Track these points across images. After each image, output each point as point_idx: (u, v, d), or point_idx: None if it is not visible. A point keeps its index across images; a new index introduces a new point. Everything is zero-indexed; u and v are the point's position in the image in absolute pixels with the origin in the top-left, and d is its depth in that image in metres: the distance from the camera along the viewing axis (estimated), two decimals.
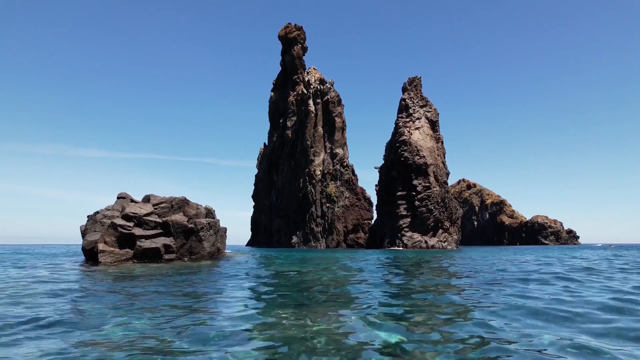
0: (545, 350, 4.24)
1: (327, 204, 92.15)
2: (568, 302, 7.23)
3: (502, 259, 24.47)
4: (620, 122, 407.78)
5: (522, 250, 46.34)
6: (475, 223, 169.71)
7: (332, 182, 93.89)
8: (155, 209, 20.99)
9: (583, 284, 10.12)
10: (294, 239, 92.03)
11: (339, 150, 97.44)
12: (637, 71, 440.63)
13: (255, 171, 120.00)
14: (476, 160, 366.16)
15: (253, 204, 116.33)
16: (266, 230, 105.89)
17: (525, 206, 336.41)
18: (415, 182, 58.35)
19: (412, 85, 68.10)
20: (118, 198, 23.16)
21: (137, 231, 19.66)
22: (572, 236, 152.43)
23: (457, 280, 11.73)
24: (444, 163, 65.81)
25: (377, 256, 29.02)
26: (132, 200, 22.87)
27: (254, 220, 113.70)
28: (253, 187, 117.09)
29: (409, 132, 62.03)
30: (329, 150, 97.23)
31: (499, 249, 57.60)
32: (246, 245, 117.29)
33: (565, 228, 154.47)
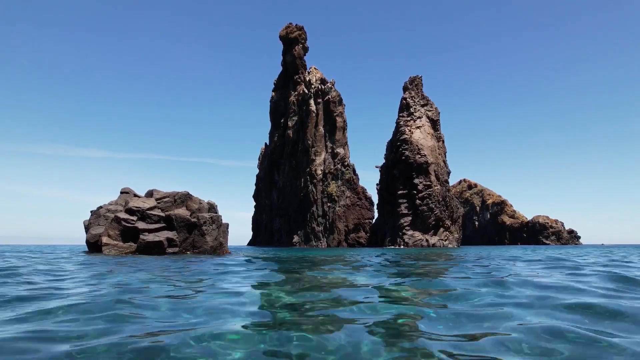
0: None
1: (328, 204, 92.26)
2: None
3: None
4: (621, 122, 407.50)
5: (516, 248, 46.41)
6: (476, 223, 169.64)
7: (333, 181, 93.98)
8: (159, 203, 21.13)
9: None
10: (295, 239, 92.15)
11: (340, 150, 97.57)
12: (637, 71, 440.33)
13: (256, 171, 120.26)
14: (477, 160, 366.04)
15: (254, 204, 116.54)
16: (267, 230, 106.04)
17: (526, 206, 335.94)
18: (416, 180, 58.40)
19: (413, 84, 68.17)
20: (121, 193, 23.30)
21: (141, 225, 19.80)
22: (573, 236, 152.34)
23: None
24: (444, 162, 65.84)
25: (377, 251, 29.17)
26: (136, 195, 23.01)
27: (255, 220, 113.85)
28: (254, 187, 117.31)
29: (410, 131, 62.08)
30: (330, 150, 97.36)
31: (501, 247, 57.72)
32: (247, 244, 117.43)
33: (567, 228, 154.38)
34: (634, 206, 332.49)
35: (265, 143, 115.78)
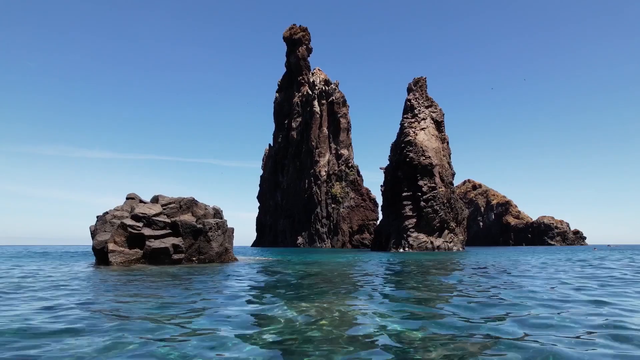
0: None
1: (333, 205, 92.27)
2: None
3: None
4: (627, 122, 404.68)
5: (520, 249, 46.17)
6: (481, 224, 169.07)
7: (338, 182, 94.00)
8: (164, 209, 21.19)
9: None
10: (299, 240, 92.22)
11: (344, 151, 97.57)
12: None
13: (258, 172, 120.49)
14: (481, 160, 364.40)
15: (257, 204, 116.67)
16: (271, 231, 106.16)
17: (531, 207, 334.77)
18: (420, 182, 58.22)
19: (418, 85, 68.00)
20: (127, 199, 23.42)
21: (147, 231, 19.86)
22: (578, 237, 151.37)
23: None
24: (449, 163, 65.69)
25: (381, 260, 29.01)
26: (141, 201, 23.11)
27: (259, 221, 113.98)
28: (258, 188, 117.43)
29: (414, 132, 61.93)
30: (334, 151, 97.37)
31: (505, 249, 57.54)
32: (251, 245, 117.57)
33: (572, 229, 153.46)
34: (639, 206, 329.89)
35: (269, 144, 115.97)
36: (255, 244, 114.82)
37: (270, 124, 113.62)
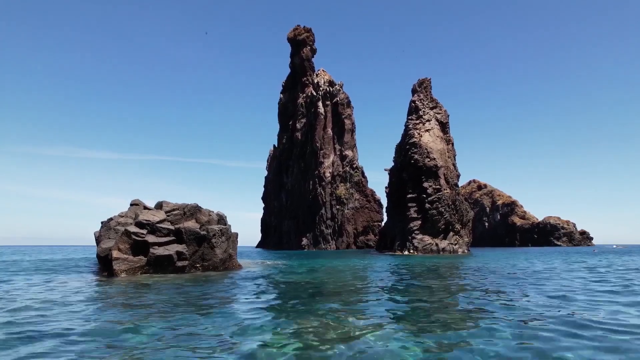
0: None
1: (337, 206, 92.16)
2: None
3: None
4: (633, 120, 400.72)
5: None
6: (487, 224, 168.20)
7: (342, 184, 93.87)
8: (168, 216, 21.17)
9: None
10: (304, 241, 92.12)
11: (349, 152, 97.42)
12: None
13: (262, 172, 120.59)
14: (487, 160, 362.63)
15: (260, 205, 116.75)
16: (276, 232, 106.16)
17: (537, 207, 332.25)
18: (425, 184, 57.97)
19: (422, 86, 67.69)
20: (131, 205, 23.46)
21: (151, 238, 19.83)
22: (585, 237, 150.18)
23: None
24: (454, 165, 65.34)
25: (387, 263, 28.76)
26: (145, 207, 23.14)
27: (264, 222, 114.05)
28: (262, 189, 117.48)
29: (419, 134, 61.68)
30: (338, 152, 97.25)
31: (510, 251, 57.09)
32: (256, 246, 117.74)
33: (579, 229, 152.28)
34: None
35: (274, 145, 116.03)
36: (260, 245, 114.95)
37: (274, 125, 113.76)
